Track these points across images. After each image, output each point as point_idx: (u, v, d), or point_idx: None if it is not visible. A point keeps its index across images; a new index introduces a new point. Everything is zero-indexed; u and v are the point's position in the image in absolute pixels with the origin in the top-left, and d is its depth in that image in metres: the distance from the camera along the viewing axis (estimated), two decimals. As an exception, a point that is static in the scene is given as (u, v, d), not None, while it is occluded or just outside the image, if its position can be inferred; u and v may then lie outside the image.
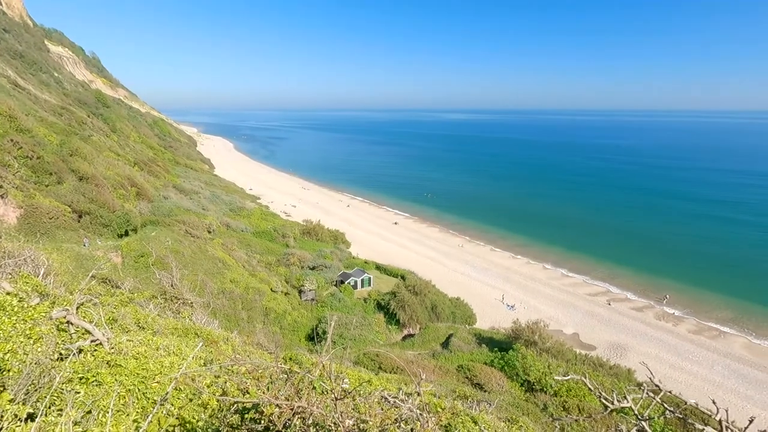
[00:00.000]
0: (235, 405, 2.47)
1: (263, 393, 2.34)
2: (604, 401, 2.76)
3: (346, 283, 51.93)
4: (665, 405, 2.67)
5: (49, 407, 4.35)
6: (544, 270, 71.44)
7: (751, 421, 3.08)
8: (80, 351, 5.93)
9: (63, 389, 4.75)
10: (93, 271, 11.20)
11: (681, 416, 2.60)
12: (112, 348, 6.54)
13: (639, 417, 2.63)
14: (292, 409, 2.29)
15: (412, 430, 2.42)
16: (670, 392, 2.75)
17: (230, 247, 54.00)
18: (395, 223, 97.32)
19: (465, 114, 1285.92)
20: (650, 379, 3.03)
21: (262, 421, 2.37)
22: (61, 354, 5.86)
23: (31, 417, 3.77)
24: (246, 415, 2.40)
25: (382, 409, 3.05)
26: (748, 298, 59.25)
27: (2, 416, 3.30)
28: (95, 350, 6.40)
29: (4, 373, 4.48)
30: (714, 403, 2.69)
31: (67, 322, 6.51)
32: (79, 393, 4.83)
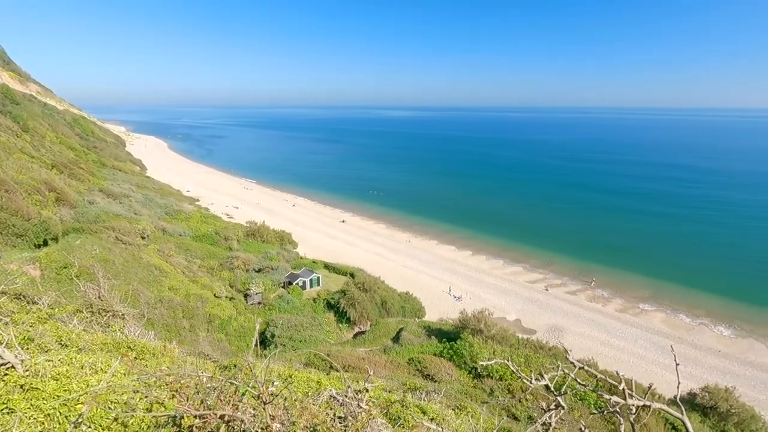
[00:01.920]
0: (156, 420, 2.33)
1: (184, 404, 2.22)
2: (525, 381, 2.97)
3: (294, 284, 50.93)
4: (578, 380, 2.94)
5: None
6: (487, 261, 74.64)
7: (649, 387, 3.44)
8: (-14, 378, 5.32)
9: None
10: (1, 286, 10.06)
11: (591, 389, 2.87)
12: (27, 370, 5.93)
13: (555, 393, 2.86)
14: (221, 418, 2.21)
15: (345, 428, 2.43)
16: (582, 368, 3.01)
17: (167, 252, 50.89)
18: (342, 221, 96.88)
19: (411, 111, 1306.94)
20: (566, 356, 3.29)
21: (183, 434, 2.25)
22: (-40, 385, 5.22)
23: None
24: (163, 430, 2.27)
25: (331, 409, 3.04)
26: (663, 278, 65.90)
27: None
28: (5, 375, 5.77)
29: None
30: (617, 373, 2.98)
31: (-31, 346, 5.80)
32: (-16, 425, 4.34)
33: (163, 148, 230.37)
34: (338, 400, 3.21)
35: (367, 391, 3.80)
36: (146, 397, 2.65)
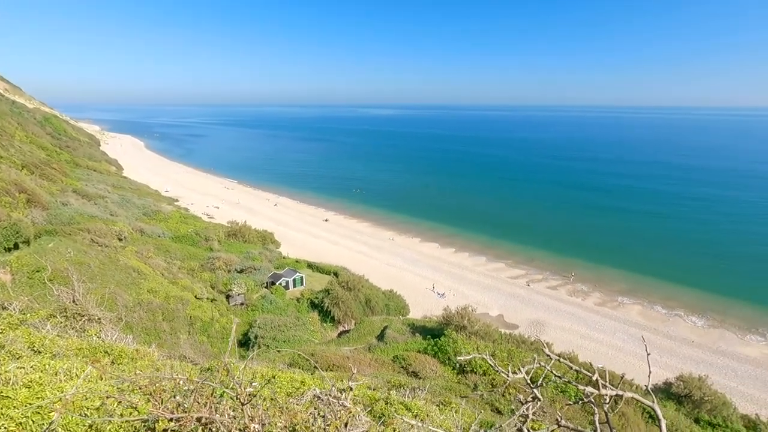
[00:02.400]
0: (130, 425, 2.27)
1: (159, 407, 2.18)
2: (503, 374, 3.03)
3: (277, 284, 50.46)
4: (554, 372, 3.02)
5: None
6: (470, 258, 75.40)
7: (622, 378, 3.55)
8: (-49, 388, 5.11)
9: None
10: (-31, 292, 9.68)
11: (567, 380, 2.96)
12: (-4, 379, 5.72)
13: (530, 385, 2.93)
14: (198, 420, 2.17)
15: (326, 426, 2.43)
16: (559, 360, 3.09)
17: (146, 254, 49.71)
18: (326, 220, 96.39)
19: (393, 109, 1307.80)
20: (543, 349, 3.37)
21: (157, 438, 2.20)
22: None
23: None
24: (135, 436, 2.23)
25: (315, 408, 3.03)
26: (640, 271, 67.81)
27: None
28: (-26, 384, 5.54)
29: None
30: (591, 365, 3.06)
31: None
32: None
33: (140, 148, 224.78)
34: (322, 399, 3.21)
35: (351, 389, 3.80)
36: (120, 402, 2.58)
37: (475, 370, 33.20)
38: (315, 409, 2.61)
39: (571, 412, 26.14)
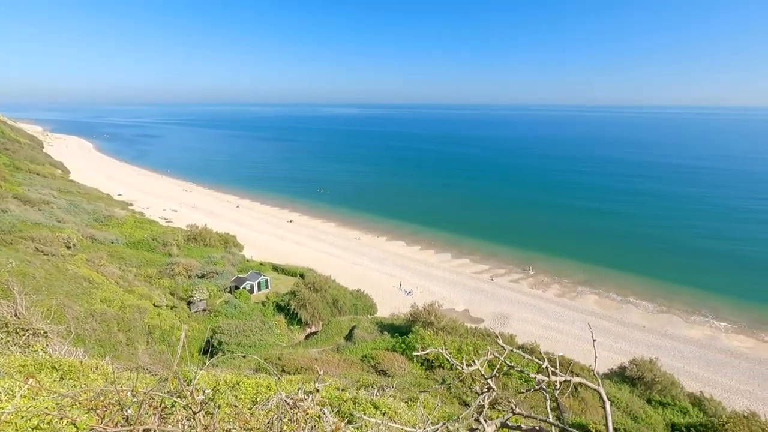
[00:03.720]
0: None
1: (101, 422, 2.06)
2: (458, 367, 3.12)
3: (241, 288, 49.21)
4: (506, 362, 3.15)
5: None
6: (436, 254, 76.55)
7: (570, 364, 3.73)
8: None
9: None
10: None
11: (520, 370, 3.09)
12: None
13: (485, 376, 3.04)
14: (148, 432, 2.08)
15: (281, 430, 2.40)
16: (512, 350, 3.21)
17: (98, 262, 47.07)
18: (290, 221, 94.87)
19: (357, 108, 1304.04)
20: (497, 341, 3.49)
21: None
22: None
23: None
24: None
25: (274, 414, 2.97)
26: (595, 262, 71.31)
27: None
28: None
29: None
30: (541, 353, 3.19)
31: None
32: None
33: (89, 149, 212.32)
34: (288, 404, 3.16)
35: (318, 391, 3.77)
36: (61, 419, 2.41)
37: (442, 365, 33.78)
38: (274, 414, 2.57)
39: (535, 399, 27.14)
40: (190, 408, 2.13)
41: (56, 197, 74.62)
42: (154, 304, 41.34)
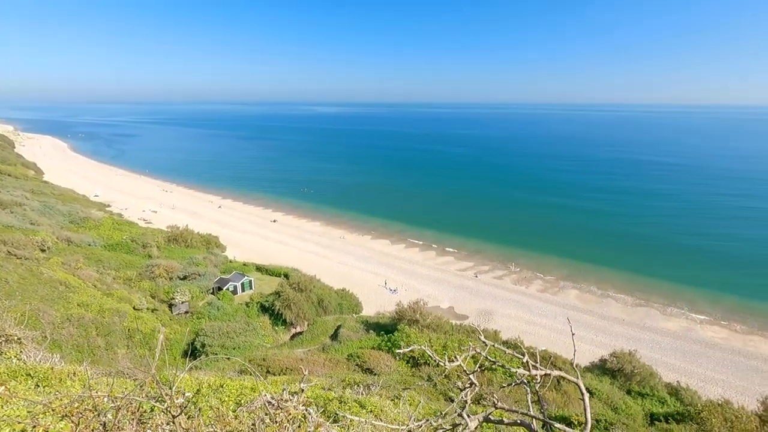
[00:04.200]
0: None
1: (76, 428, 2.01)
2: (440, 363, 3.16)
3: (224, 289, 48.52)
4: (489, 358, 3.20)
5: None
6: (420, 252, 76.93)
7: (550, 358, 3.81)
8: None
9: None
10: None
11: (501, 365, 3.16)
12: None
13: (467, 372, 3.08)
14: (126, 439, 2.04)
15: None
16: (494, 346, 3.26)
17: (74, 265, 45.75)
18: (274, 221, 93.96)
19: (338, 107, 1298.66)
20: (479, 336, 3.54)
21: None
22: None
23: None
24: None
25: (266, 414, 2.95)
26: (576, 258, 72.75)
27: None
28: None
29: None
30: (524, 347, 3.26)
31: None
32: None
33: (63, 149, 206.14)
34: (272, 405, 3.14)
35: (303, 391, 3.74)
36: (34, 427, 2.33)
37: (428, 362, 33.95)
38: (266, 414, 2.54)
39: (520, 393, 27.57)
40: (170, 412, 2.09)
41: (29, 199, 72.23)
42: (134, 308, 40.42)
